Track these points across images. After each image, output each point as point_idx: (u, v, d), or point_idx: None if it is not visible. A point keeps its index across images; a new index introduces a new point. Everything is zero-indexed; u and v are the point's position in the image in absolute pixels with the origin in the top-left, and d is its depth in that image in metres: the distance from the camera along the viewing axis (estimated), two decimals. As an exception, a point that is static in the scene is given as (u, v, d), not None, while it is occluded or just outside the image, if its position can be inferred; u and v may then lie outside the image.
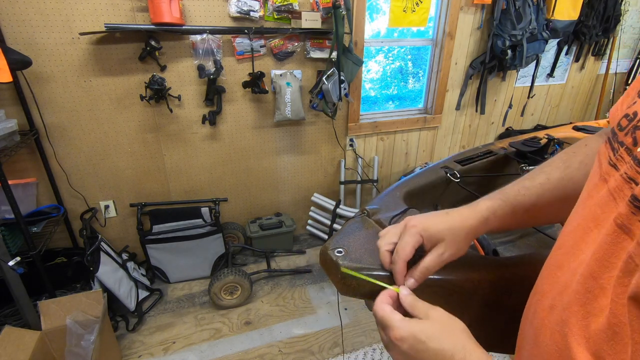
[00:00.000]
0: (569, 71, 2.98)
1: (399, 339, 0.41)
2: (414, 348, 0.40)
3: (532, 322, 0.40)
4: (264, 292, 2.06)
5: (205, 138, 2.09)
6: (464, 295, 0.58)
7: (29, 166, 1.80)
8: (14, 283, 1.42)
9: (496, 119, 2.88)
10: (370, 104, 2.71)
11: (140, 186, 2.07)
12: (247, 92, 2.05)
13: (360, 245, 0.62)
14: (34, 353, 1.27)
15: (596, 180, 0.35)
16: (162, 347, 1.71)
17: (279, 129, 2.23)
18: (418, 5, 2.20)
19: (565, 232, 0.39)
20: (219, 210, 2.05)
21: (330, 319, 1.87)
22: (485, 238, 0.71)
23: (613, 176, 0.32)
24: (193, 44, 1.84)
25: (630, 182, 0.29)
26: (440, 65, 2.45)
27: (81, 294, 1.47)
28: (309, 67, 2.12)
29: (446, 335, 0.40)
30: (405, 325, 0.42)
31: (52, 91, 1.72)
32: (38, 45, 1.63)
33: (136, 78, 1.83)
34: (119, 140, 1.93)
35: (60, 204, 1.90)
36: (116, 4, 1.67)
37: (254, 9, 1.85)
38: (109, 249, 1.92)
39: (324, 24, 1.98)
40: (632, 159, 0.30)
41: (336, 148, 2.42)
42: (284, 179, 2.40)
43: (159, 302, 1.98)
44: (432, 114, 2.60)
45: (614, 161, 0.32)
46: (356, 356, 1.66)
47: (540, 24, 2.36)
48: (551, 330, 0.35)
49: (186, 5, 1.77)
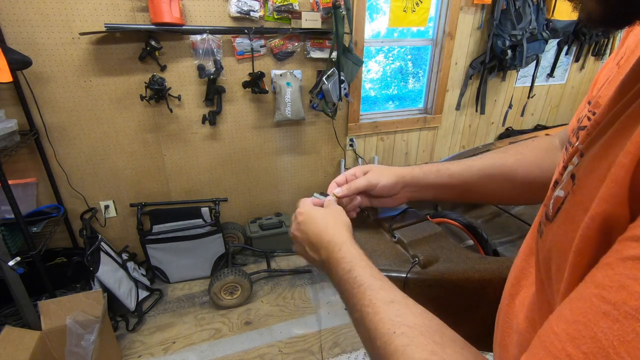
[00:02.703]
0: (569, 71, 2.98)
1: (299, 213, 0.55)
2: (306, 221, 0.53)
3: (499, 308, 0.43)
4: (264, 292, 2.06)
5: (205, 138, 2.09)
6: (466, 296, 0.58)
7: (29, 166, 1.80)
8: (14, 283, 1.42)
9: (496, 119, 2.88)
10: (370, 104, 2.72)
11: (140, 186, 2.07)
12: (247, 92, 2.05)
13: (360, 245, 0.62)
14: (34, 353, 1.27)
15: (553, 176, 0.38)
16: (162, 347, 1.71)
17: (279, 129, 2.23)
18: (418, 5, 2.20)
19: None
20: (219, 210, 2.05)
21: (330, 319, 1.87)
22: (486, 239, 0.71)
23: (558, 168, 0.35)
24: (193, 44, 1.84)
25: (561, 167, 0.32)
26: (440, 65, 2.45)
27: (81, 294, 1.47)
28: (309, 67, 2.11)
29: (329, 216, 0.54)
30: (308, 207, 0.56)
31: (52, 91, 1.72)
32: (38, 45, 1.63)
33: (136, 78, 1.83)
34: (119, 140, 1.93)
35: (60, 204, 1.90)
36: (116, 4, 1.67)
37: (254, 9, 1.85)
38: (109, 249, 1.92)
39: (324, 24, 1.98)
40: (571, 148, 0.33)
41: (336, 148, 2.42)
42: (284, 179, 2.40)
43: (159, 302, 1.98)
44: (432, 114, 2.60)
45: (563, 157, 0.35)
46: (356, 356, 1.66)
47: (540, 24, 2.36)
48: (505, 307, 0.38)
49: (186, 5, 1.77)
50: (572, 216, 0.25)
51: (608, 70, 0.37)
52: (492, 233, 0.75)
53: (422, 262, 0.59)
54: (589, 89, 0.44)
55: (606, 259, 0.20)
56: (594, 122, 0.28)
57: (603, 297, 0.18)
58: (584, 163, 0.26)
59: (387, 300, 0.37)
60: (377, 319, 0.36)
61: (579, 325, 0.19)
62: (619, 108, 0.25)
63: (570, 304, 0.21)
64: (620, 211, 0.20)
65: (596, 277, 0.20)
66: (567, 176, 0.29)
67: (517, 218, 0.80)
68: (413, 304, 0.38)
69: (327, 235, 0.50)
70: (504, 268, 0.60)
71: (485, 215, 0.82)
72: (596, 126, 0.28)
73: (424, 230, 0.66)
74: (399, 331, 0.33)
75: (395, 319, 0.35)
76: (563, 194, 0.28)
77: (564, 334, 0.20)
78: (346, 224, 0.53)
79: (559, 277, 0.25)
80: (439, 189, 0.63)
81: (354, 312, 0.40)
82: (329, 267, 0.47)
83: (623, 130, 0.23)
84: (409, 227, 0.68)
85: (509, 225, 0.78)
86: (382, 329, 0.35)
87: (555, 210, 0.28)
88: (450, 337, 0.33)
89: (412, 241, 0.63)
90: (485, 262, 0.60)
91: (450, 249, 0.62)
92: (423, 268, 0.59)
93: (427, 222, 0.69)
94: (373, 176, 0.62)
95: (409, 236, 0.64)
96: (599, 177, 0.23)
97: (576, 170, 0.27)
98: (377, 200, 0.66)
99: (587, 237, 0.22)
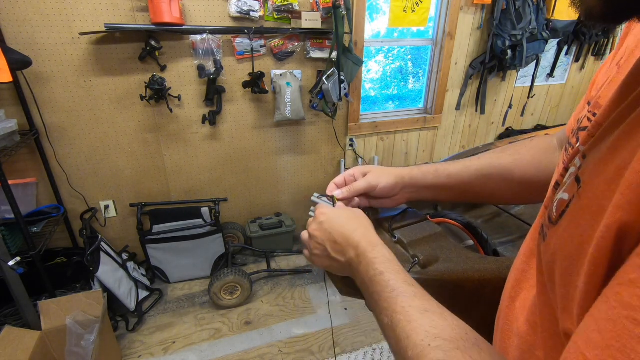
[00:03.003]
0: (569, 71, 2.98)
1: (321, 213, 0.54)
2: (330, 221, 0.52)
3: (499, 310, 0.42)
4: (264, 292, 2.06)
5: (205, 138, 2.09)
6: (466, 296, 0.58)
7: (29, 166, 1.80)
8: (14, 283, 1.42)
9: (496, 119, 2.88)
10: (370, 104, 2.72)
11: (140, 186, 2.07)
12: (247, 92, 2.05)
13: None
14: (34, 353, 1.27)
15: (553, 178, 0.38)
16: (162, 347, 1.71)
17: (279, 129, 2.23)
18: (418, 5, 2.20)
19: None
20: (219, 210, 2.05)
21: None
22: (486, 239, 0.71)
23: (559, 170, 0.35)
24: (193, 44, 1.84)
25: (561, 169, 0.32)
26: (440, 65, 2.45)
27: (81, 294, 1.47)
28: (309, 67, 2.11)
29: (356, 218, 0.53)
30: (330, 208, 0.56)
31: (52, 91, 1.72)
32: (38, 45, 1.63)
33: (136, 78, 1.83)
34: (119, 140, 1.93)
35: (60, 204, 1.90)
36: (116, 4, 1.67)
37: (254, 9, 1.85)
38: (109, 249, 1.92)
39: (324, 24, 1.98)
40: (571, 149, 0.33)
41: (336, 148, 2.42)
42: (284, 179, 2.40)
43: (159, 302, 1.98)
44: (432, 114, 2.60)
45: (564, 158, 0.34)
46: (356, 356, 1.66)
47: (540, 24, 2.36)
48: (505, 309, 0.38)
49: (186, 5, 1.77)
50: (579, 220, 0.24)
51: (607, 71, 0.37)
52: (492, 233, 0.75)
53: (422, 262, 0.59)
54: (588, 89, 0.44)
55: (629, 274, 0.19)
56: (595, 123, 0.28)
57: (635, 320, 0.18)
58: (590, 166, 0.26)
59: (422, 309, 0.36)
60: (409, 328, 0.34)
61: (613, 350, 0.18)
62: (622, 109, 0.25)
63: (598, 326, 0.20)
64: (636, 218, 0.19)
65: (622, 296, 0.19)
66: (570, 179, 0.28)
67: (517, 218, 0.80)
68: (449, 315, 0.36)
69: (357, 235, 0.49)
70: (503, 268, 0.60)
71: (485, 215, 0.82)
72: (598, 127, 0.28)
73: (424, 230, 0.66)
74: (434, 344, 0.32)
75: (430, 330, 0.33)
76: (567, 197, 0.27)
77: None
78: (372, 226, 0.53)
79: (564, 281, 0.25)
80: (437, 189, 0.63)
81: (383, 317, 0.39)
82: (358, 266, 0.46)
83: (630, 133, 0.23)
84: (409, 227, 0.67)
85: (509, 225, 0.78)
86: (416, 339, 0.33)
87: (560, 214, 0.27)
88: (488, 353, 0.32)
89: (412, 241, 0.63)
90: (485, 262, 0.60)
91: (450, 249, 0.62)
92: (423, 268, 0.59)
93: (427, 222, 0.69)
94: (373, 178, 0.62)
95: (409, 236, 0.64)
96: (606, 181, 0.22)
97: (581, 174, 0.26)
98: (376, 201, 0.66)
99: (604, 247, 0.21)
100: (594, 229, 0.22)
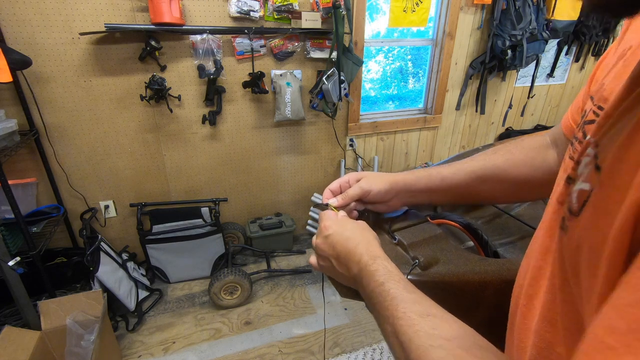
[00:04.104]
0: (569, 71, 2.98)
1: (325, 227, 0.54)
2: (335, 235, 0.52)
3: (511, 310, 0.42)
4: (264, 292, 2.06)
5: (205, 138, 2.09)
6: (466, 297, 0.58)
7: (29, 166, 1.80)
8: (14, 283, 1.42)
9: (496, 119, 2.88)
10: (370, 104, 2.72)
11: (140, 186, 2.07)
12: (247, 92, 2.05)
13: None
14: (34, 353, 1.28)
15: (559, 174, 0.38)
16: (162, 347, 1.71)
17: (279, 129, 2.23)
18: (418, 5, 2.20)
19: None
20: (219, 210, 2.05)
21: (330, 318, 1.87)
22: (486, 240, 0.71)
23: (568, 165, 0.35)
24: (193, 44, 1.84)
25: (573, 162, 0.32)
26: (440, 65, 2.45)
27: (81, 294, 1.47)
28: (309, 67, 2.11)
29: (359, 231, 0.53)
30: (334, 220, 0.55)
31: (52, 91, 1.72)
32: (38, 45, 1.63)
33: (136, 78, 1.83)
34: (119, 140, 1.93)
35: (60, 204, 1.90)
36: (116, 4, 1.67)
37: (254, 9, 1.85)
38: (109, 249, 1.92)
39: (324, 24, 1.98)
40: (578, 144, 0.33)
41: (336, 148, 2.42)
42: (284, 179, 2.40)
43: (159, 302, 1.98)
44: (432, 114, 2.60)
45: (571, 153, 0.34)
46: (356, 356, 1.66)
47: (540, 24, 2.36)
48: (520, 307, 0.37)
49: (186, 5, 1.76)
50: (604, 208, 0.24)
51: (607, 66, 0.37)
52: (492, 234, 0.75)
53: (423, 263, 0.59)
54: (587, 84, 0.44)
55: None
56: (605, 114, 0.28)
57: None
58: (608, 154, 0.26)
59: (423, 313, 0.36)
60: (411, 332, 0.35)
61: (638, 334, 0.18)
62: (634, 98, 0.25)
63: (619, 312, 0.19)
64: None
65: None
66: (587, 169, 0.28)
67: (517, 219, 0.79)
68: (450, 317, 0.36)
69: (359, 250, 0.49)
70: (504, 270, 0.60)
71: (485, 217, 0.82)
72: (608, 118, 0.28)
73: (424, 231, 0.66)
74: (436, 344, 0.32)
75: (431, 331, 0.34)
76: (588, 186, 0.27)
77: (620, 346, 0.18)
78: (376, 239, 0.53)
79: (590, 273, 0.24)
80: (432, 193, 0.64)
81: (386, 326, 0.39)
82: (361, 281, 0.46)
83: None
84: (409, 229, 0.67)
85: (509, 227, 0.78)
86: (417, 341, 0.33)
87: (581, 204, 0.27)
88: (491, 352, 0.32)
89: (412, 243, 0.63)
90: (486, 263, 0.60)
91: (451, 251, 0.62)
92: (423, 270, 0.59)
93: (427, 224, 0.69)
94: (366, 183, 0.62)
95: (409, 238, 0.64)
96: (628, 167, 0.22)
97: (600, 162, 0.26)
98: (371, 206, 0.66)
99: (625, 228, 0.20)
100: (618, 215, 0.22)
